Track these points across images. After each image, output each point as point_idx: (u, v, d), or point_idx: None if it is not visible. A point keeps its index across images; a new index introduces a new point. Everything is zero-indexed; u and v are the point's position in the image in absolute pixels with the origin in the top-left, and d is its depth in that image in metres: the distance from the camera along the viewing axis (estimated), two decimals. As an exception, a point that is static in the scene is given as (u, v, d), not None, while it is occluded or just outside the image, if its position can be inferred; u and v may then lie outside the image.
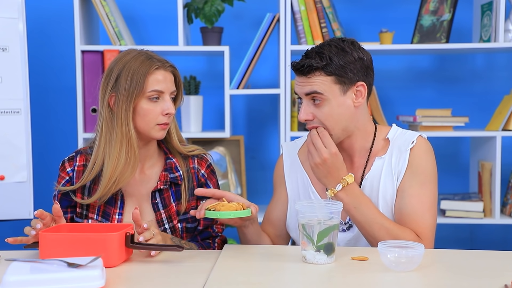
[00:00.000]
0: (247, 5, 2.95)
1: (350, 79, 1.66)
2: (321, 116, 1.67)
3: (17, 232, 3.16)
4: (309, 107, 1.68)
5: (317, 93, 1.65)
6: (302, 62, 1.66)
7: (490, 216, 2.76)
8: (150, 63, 1.70)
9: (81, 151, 1.81)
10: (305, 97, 1.68)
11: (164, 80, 1.71)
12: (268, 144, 3.11)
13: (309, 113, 1.68)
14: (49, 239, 1.46)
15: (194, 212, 1.62)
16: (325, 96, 1.65)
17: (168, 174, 1.77)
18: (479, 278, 1.34)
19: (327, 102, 1.66)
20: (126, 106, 1.68)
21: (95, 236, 1.47)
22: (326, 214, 1.44)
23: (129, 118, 1.68)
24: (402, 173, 1.70)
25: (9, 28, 2.45)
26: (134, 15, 3.07)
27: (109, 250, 1.44)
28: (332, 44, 1.67)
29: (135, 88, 1.67)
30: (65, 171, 1.78)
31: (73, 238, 1.47)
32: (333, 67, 1.64)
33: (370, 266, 1.43)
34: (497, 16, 2.65)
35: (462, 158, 3.10)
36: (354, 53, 1.67)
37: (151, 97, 1.69)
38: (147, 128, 1.71)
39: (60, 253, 1.41)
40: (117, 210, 1.76)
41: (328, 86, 1.65)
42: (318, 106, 1.67)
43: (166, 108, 1.70)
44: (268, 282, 1.33)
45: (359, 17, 3.05)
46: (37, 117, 2.85)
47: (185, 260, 1.52)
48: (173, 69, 1.76)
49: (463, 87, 3.07)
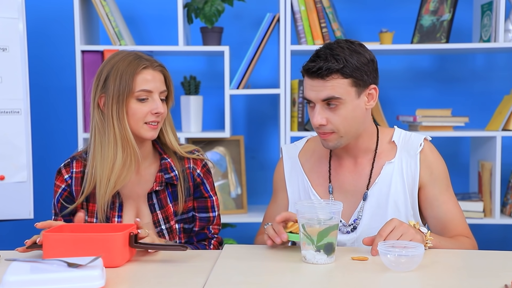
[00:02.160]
0: (247, 5, 2.95)
1: (365, 82, 1.64)
2: (337, 120, 1.63)
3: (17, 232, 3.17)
4: (323, 111, 1.64)
5: (335, 98, 1.61)
6: (318, 64, 1.61)
7: (490, 216, 2.76)
8: (138, 63, 1.70)
9: (76, 157, 1.79)
10: (320, 102, 1.64)
11: (152, 79, 1.70)
12: (268, 144, 3.11)
13: (324, 118, 1.64)
14: (53, 239, 1.46)
15: (285, 238, 1.55)
16: (342, 100, 1.61)
17: (163, 175, 1.77)
18: (479, 278, 1.34)
19: (343, 106, 1.62)
20: (118, 107, 1.68)
21: (99, 236, 1.47)
22: (326, 214, 1.44)
23: (123, 119, 1.69)
24: (416, 178, 1.71)
25: (9, 28, 2.45)
26: (134, 15, 3.07)
27: (113, 250, 1.43)
28: (342, 46, 1.64)
29: (125, 88, 1.68)
30: (62, 178, 1.76)
31: (76, 238, 1.47)
32: (350, 69, 1.61)
33: (370, 266, 1.43)
34: (497, 16, 2.65)
35: (462, 158, 3.10)
36: (366, 54, 1.66)
37: (140, 97, 1.69)
38: (136, 128, 1.71)
39: (63, 253, 1.41)
40: (116, 213, 1.75)
41: (345, 89, 1.61)
42: (333, 110, 1.63)
43: (154, 108, 1.69)
44: (268, 282, 1.33)
45: (359, 17, 3.05)
46: (37, 117, 2.85)
47: (185, 260, 1.52)
48: (162, 69, 1.74)
49: (463, 87, 3.07)
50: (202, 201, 1.81)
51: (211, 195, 1.83)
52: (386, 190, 1.71)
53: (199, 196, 1.81)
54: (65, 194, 1.76)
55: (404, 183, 1.71)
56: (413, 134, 1.76)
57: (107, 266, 1.37)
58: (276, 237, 1.54)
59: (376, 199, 1.71)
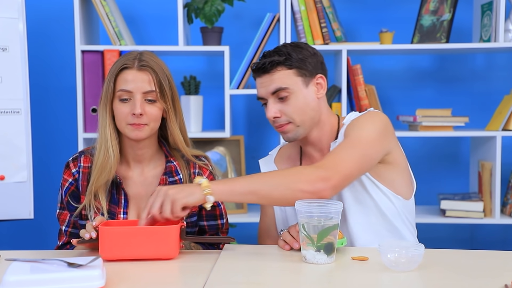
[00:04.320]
0: (247, 5, 2.95)
1: (310, 72, 1.71)
2: (289, 110, 1.70)
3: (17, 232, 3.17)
4: (275, 104, 1.71)
5: (283, 89, 1.68)
6: (262, 61, 1.71)
7: (490, 216, 2.76)
8: (122, 63, 1.70)
9: (84, 152, 1.80)
10: (270, 96, 1.71)
11: (133, 79, 1.69)
12: (268, 144, 3.11)
13: (276, 111, 1.70)
14: (110, 232, 1.48)
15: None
16: (290, 90, 1.69)
17: (168, 178, 1.77)
18: (479, 278, 1.34)
19: (293, 96, 1.69)
20: (105, 107, 1.71)
21: (157, 229, 1.49)
22: (326, 214, 1.44)
23: (105, 119, 1.71)
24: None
25: (9, 28, 2.45)
26: (134, 15, 3.07)
27: (169, 242, 1.48)
28: (285, 44, 1.75)
29: (108, 88, 1.70)
30: (70, 172, 1.77)
31: (133, 231, 1.49)
32: (293, 60, 1.69)
33: (370, 266, 1.43)
34: (497, 16, 2.65)
35: (462, 158, 3.10)
36: (309, 48, 1.75)
37: (121, 97, 1.69)
38: (121, 128, 1.72)
39: (119, 247, 1.46)
40: (121, 209, 1.75)
41: (291, 79, 1.69)
42: (284, 102, 1.70)
43: (133, 108, 1.68)
44: (268, 282, 1.33)
45: (359, 17, 3.05)
46: (37, 117, 2.85)
47: (185, 260, 1.52)
48: (149, 69, 1.70)
49: (463, 87, 3.07)
50: (211, 210, 1.81)
51: (219, 204, 1.84)
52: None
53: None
54: (72, 189, 1.77)
55: None
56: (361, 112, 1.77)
57: (162, 258, 1.47)
58: (294, 242, 1.57)
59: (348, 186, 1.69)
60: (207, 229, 1.84)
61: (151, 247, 1.46)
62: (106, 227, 1.50)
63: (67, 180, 1.77)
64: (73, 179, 1.76)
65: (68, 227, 1.78)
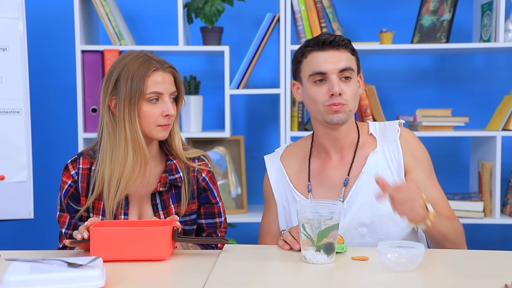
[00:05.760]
0: (247, 5, 2.95)
1: (358, 66, 1.76)
2: (349, 92, 1.71)
3: (17, 232, 3.17)
4: (339, 82, 1.70)
5: (351, 69, 1.70)
6: (329, 36, 1.71)
7: (490, 216, 2.75)
8: (149, 65, 1.69)
9: (83, 154, 1.79)
10: (336, 73, 1.70)
11: (162, 81, 1.71)
12: (268, 144, 3.11)
13: (341, 88, 1.70)
14: (101, 233, 1.47)
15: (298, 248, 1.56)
16: (353, 73, 1.72)
17: (168, 176, 1.77)
18: (479, 278, 1.34)
19: (353, 80, 1.73)
20: (130, 109, 1.68)
21: (147, 229, 1.49)
22: (326, 214, 1.44)
23: (135, 122, 1.68)
24: (401, 163, 1.74)
25: (9, 28, 2.45)
26: (134, 15, 3.07)
27: (161, 243, 1.47)
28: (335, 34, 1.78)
29: (136, 90, 1.67)
30: (69, 174, 1.76)
31: (125, 232, 1.48)
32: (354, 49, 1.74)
33: (370, 266, 1.43)
34: (497, 16, 2.65)
35: (462, 158, 3.10)
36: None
37: (151, 99, 1.69)
38: (148, 130, 1.71)
39: (111, 247, 1.45)
40: (122, 210, 1.75)
41: (353, 64, 1.72)
42: (346, 83, 1.71)
43: (165, 110, 1.70)
44: (268, 282, 1.33)
45: (359, 17, 3.05)
46: (37, 117, 2.85)
47: (185, 260, 1.52)
48: (172, 70, 1.75)
49: (463, 87, 3.07)
50: (209, 207, 1.82)
51: (217, 201, 1.84)
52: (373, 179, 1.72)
53: (206, 202, 1.82)
54: (71, 191, 1.76)
55: (391, 170, 1.74)
56: (387, 122, 1.82)
57: (155, 260, 1.45)
58: (295, 243, 1.57)
59: (365, 189, 1.72)
60: (205, 227, 1.83)
61: (143, 248, 1.45)
62: (97, 227, 1.49)
63: (66, 183, 1.76)
64: (72, 181, 1.76)
65: (68, 229, 1.77)
